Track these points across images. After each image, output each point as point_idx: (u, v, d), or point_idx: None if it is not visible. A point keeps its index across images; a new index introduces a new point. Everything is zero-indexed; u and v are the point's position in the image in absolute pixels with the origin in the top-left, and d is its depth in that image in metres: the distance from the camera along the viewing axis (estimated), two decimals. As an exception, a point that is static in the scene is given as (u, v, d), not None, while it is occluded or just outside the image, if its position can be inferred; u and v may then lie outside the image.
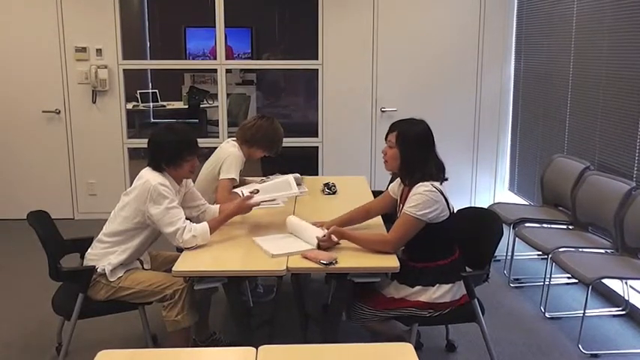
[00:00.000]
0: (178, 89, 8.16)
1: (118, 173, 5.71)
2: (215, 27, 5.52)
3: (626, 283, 3.69)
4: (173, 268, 2.54)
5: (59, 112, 5.58)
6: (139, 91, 7.77)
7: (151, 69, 7.97)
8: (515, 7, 5.51)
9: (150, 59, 8.45)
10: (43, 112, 5.57)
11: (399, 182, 2.92)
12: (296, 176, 3.76)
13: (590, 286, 3.24)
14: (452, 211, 2.72)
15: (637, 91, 3.70)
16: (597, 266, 3.34)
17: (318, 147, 5.78)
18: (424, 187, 2.64)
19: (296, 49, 8.03)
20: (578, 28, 4.41)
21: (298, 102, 8.13)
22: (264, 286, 3.95)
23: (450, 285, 2.71)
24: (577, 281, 3.97)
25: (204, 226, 2.79)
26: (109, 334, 3.39)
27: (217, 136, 5.79)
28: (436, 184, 2.67)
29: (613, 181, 3.77)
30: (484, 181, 5.87)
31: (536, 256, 4.65)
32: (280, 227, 2.98)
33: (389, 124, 2.86)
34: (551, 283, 3.85)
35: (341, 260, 2.55)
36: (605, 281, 3.81)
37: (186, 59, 7.97)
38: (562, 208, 4.33)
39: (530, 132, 5.28)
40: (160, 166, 2.84)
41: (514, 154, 5.66)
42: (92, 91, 5.54)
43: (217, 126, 5.87)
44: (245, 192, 2.98)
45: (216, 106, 5.95)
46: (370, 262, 2.59)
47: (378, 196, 3.18)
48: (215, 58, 5.65)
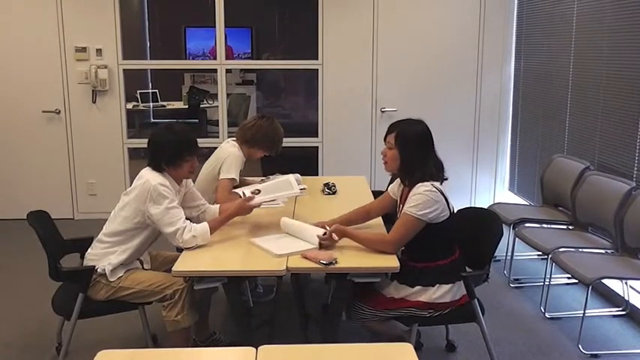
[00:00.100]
0: (178, 89, 8.17)
1: (118, 173, 5.71)
2: (215, 27, 5.52)
3: (626, 283, 3.69)
4: (173, 268, 2.55)
5: (59, 112, 5.58)
6: (139, 91, 7.77)
7: (150, 69, 7.97)
8: (515, 7, 5.51)
9: (150, 59, 8.45)
10: (43, 112, 5.57)
11: (398, 183, 2.92)
12: (296, 176, 3.76)
13: (590, 287, 3.24)
14: (452, 211, 2.72)
15: (637, 91, 3.70)
16: (597, 266, 3.34)
17: (318, 147, 5.78)
18: (424, 187, 2.64)
19: (296, 49, 8.03)
20: (578, 28, 4.41)
21: (298, 102, 8.13)
22: (264, 286, 3.95)
23: (450, 285, 2.71)
24: (577, 281, 3.97)
25: (204, 226, 2.79)
26: (109, 334, 3.39)
27: (217, 136, 5.79)
28: (436, 184, 2.67)
29: (613, 181, 3.77)
30: (484, 181, 5.87)
31: (536, 256, 4.65)
32: (280, 227, 2.98)
33: (389, 124, 2.86)
34: (551, 283, 3.85)
35: (341, 260, 2.55)
36: (605, 281, 3.81)
37: (186, 59, 7.98)
38: (562, 208, 4.33)
39: (530, 132, 5.28)
40: (160, 166, 2.84)
41: (514, 154, 5.66)
42: (92, 91, 5.54)
43: (217, 126, 5.87)
44: (246, 192, 2.98)
45: (216, 106, 5.95)
46: (370, 262, 2.59)
47: (378, 196, 3.19)
48: (215, 58, 5.65)
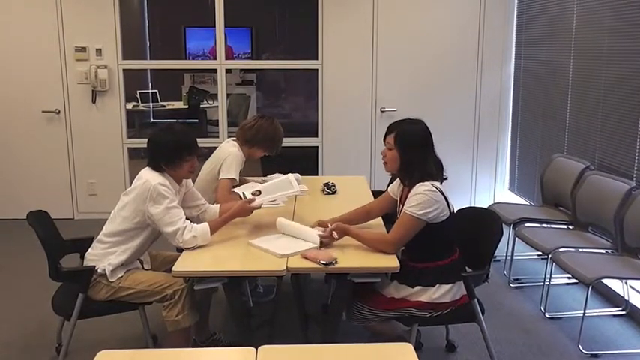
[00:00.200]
0: (178, 89, 8.17)
1: (118, 173, 5.71)
2: (215, 27, 5.52)
3: (626, 283, 3.69)
4: (173, 268, 2.54)
5: (59, 112, 5.58)
6: (138, 91, 7.77)
7: (150, 69, 7.97)
8: (515, 7, 5.50)
9: (150, 59, 8.45)
10: (43, 112, 5.56)
11: (398, 183, 2.92)
12: (296, 176, 3.76)
13: (590, 286, 3.24)
14: (452, 211, 2.72)
15: (637, 91, 3.70)
16: (597, 266, 3.34)
17: (318, 147, 5.78)
18: (424, 187, 2.64)
19: (296, 49, 8.03)
20: (578, 28, 4.41)
21: (298, 102, 8.13)
22: (264, 286, 3.95)
23: (450, 285, 2.71)
24: (577, 281, 3.97)
25: (204, 226, 2.79)
26: (109, 334, 3.39)
27: (217, 136, 5.79)
28: (436, 183, 2.67)
29: (613, 181, 3.77)
30: (484, 181, 5.87)
31: (536, 256, 4.65)
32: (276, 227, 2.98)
33: (388, 124, 2.86)
34: (551, 283, 3.85)
35: (341, 260, 2.55)
36: (605, 281, 3.81)
37: (186, 59, 7.98)
38: (562, 208, 4.33)
39: (530, 132, 5.28)
40: (160, 167, 2.84)
41: (514, 153, 5.66)
42: (92, 91, 5.54)
43: (217, 126, 5.87)
44: (247, 194, 2.97)
45: (216, 106, 5.95)
46: (370, 262, 2.59)
47: (378, 196, 3.18)
48: (215, 58, 5.65)
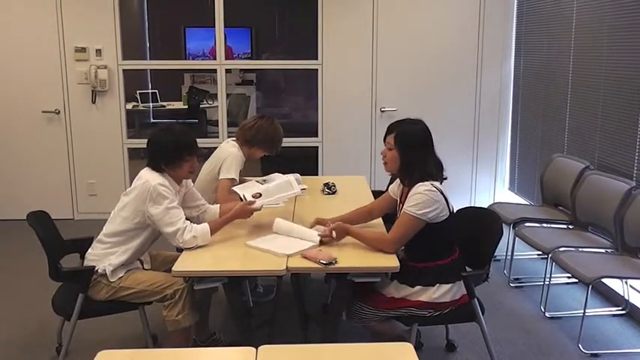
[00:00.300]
0: (178, 89, 8.16)
1: (117, 173, 5.71)
2: (215, 27, 5.52)
3: (626, 282, 3.69)
4: (173, 268, 2.54)
5: (59, 112, 5.58)
6: (138, 92, 7.77)
7: (150, 69, 7.96)
8: (515, 7, 5.50)
9: (150, 59, 8.44)
10: (43, 112, 5.56)
11: (398, 183, 2.92)
12: (296, 176, 3.76)
13: (590, 286, 3.24)
14: (452, 211, 2.72)
15: (637, 91, 3.70)
16: (597, 266, 3.34)
17: (318, 147, 5.78)
18: (424, 187, 2.64)
19: (296, 49, 8.03)
20: (577, 27, 4.41)
21: (298, 102, 8.12)
22: (264, 286, 3.95)
23: (450, 285, 2.71)
24: (577, 281, 3.97)
25: (204, 227, 2.79)
26: (109, 334, 3.39)
27: (217, 136, 5.79)
28: (436, 183, 2.67)
29: (613, 180, 3.77)
30: (484, 181, 5.87)
31: (536, 256, 4.65)
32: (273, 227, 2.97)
33: (388, 124, 2.86)
34: (551, 282, 3.85)
35: (341, 260, 2.55)
36: (605, 281, 3.81)
37: (186, 59, 7.98)
38: (562, 208, 4.33)
39: (530, 131, 5.28)
40: (160, 167, 2.84)
41: (514, 153, 5.66)
42: (92, 91, 5.54)
43: (217, 126, 5.87)
44: (247, 196, 2.97)
45: (216, 106, 5.95)
46: (370, 262, 2.59)
47: (378, 195, 3.19)
48: (215, 58, 5.65)
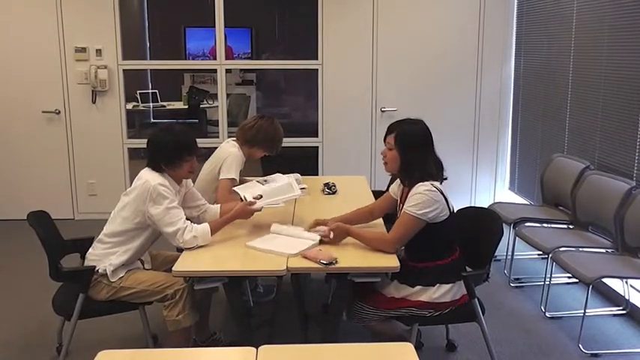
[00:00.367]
0: (178, 89, 8.16)
1: (118, 173, 5.71)
2: (215, 27, 5.52)
3: (626, 282, 3.69)
4: (173, 268, 2.54)
5: (59, 112, 5.58)
6: (138, 92, 7.77)
7: (150, 69, 7.96)
8: (515, 7, 5.50)
9: (150, 59, 8.44)
10: (43, 112, 5.56)
11: (399, 183, 2.91)
12: (296, 176, 3.76)
13: (590, 286, 3.24)
14: (452, 211, 2.72)
15: (637, 91, 3.70)
16: (597, 266, 3.34)
17: (318, 147, 5.78)
18: (424, 187, 2.64)
19: (296, 49, 8.03)
20: (578, 28, 4.41)
21: (298, 102, 8.13)
22: (264, 286, 3.95)
23: (451, 285, 2.71)
24: (577, 281, 3.97)
25: (205, 227, 2.79)
26: (109, 334, 3.39)
27: (217, 136, 5.79)
28: (436, 183, 2.67)
29: (613, 180, 3.77)
30: (484, 181, 5.87)
31: (537, 256, 4.65)
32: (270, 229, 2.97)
33: (388, 124, 2.86)
34: (552, 282, 3.84)
35: (341, 260, 2.55)
36: (605, 281, 3.81)
37: (186, 59, 7.98)
38: (562, 208, 4.33)
39: (531, 131, 5.28)
40: (159, 167, 2.84)
41: (514, 153, 5.66)
42: (92, 91, 5.54)
43: (217, 126, 5.87)
44: (248, 197, 2.97)
45: (216, 106, 5.95)
46: (370, 262, 2.59)
47: (378, 195, 3.19)
48: (215, 58, 5.65)
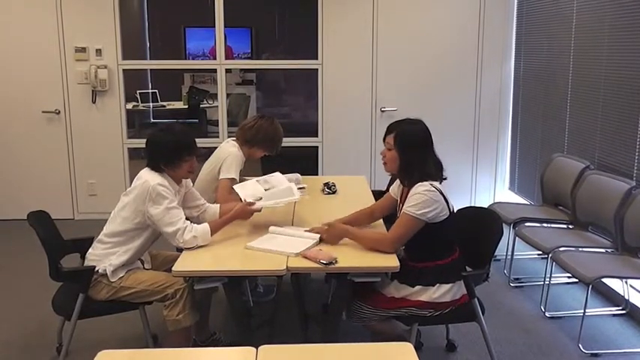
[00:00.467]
0: (178, 89, 8.17)
1: (118, 173, 5.71)
2: (215, 27, 5.52)
3: (626, 282, 3.69)
4: (173, 268, 2.54)
5: (59, 112, 5.58)
6: (138, 91, 7.77)
7: (150, 69, 7.97)
8: (515, 7, 5.50)
9: (150, 59, 8.45)
10: (43, 112, 5.56)
11: (399, 183, 2.91)
12: (296, 176, 3.76)
13: (590, 286, 3.24)
14: (452, 211, 2.72)
15: (637, 91, 3.70)
16: (597, 265, 3.34)
17: (318, 147, 5.78)
18: (423, 187, 2.64)
19: (296, 49, 8.03)
20: (578, 28, 4.41)
21: (298, 102, 8.13)
22: (264, 286, 3.95)
23: (451, 284, 2.71)
24: (577, 281, 3.97)
25: (205, 227, 2.79)
26: (109, 334, 3.39)
27: (217, 136, 5.79)
28: (435, 183, 2.67)
29: (613, 180, 3.77)
30: (484, 181, 5.87)
31: (537, 256, 4.65)
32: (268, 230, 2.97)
33: (388, 124, 2.86)
34: (552, 282, 3.84)
35: (341, 260, 2.55)
36: (605, 280, 3.81)
37: (186, 59, 7.98)
38: (562, 208, 4.33)
39: (531, 131, 5.28)
40: (159, 167, 2.84)
41: (514, 153, 5.66)
42: (92, 91, 5.54)
43: (217, 126, 5.87)
44: (248, 199, 2.97)
45: (216, 106, 5.95)
46: (370, 261, 2.59)
47: (378, 195, 3.19)
48: (215, 58, 5.65)
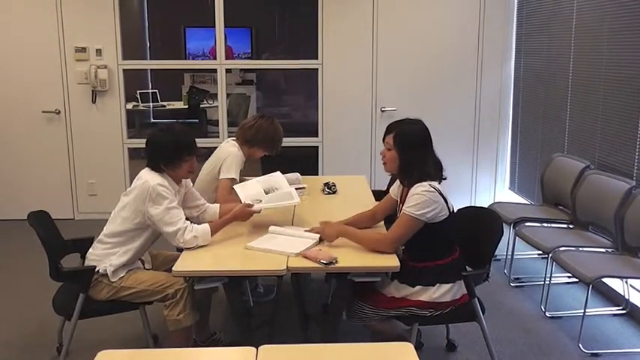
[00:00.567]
0: (178, 89, 8.16)
1: (118, 173, 5.71)
2: (215, 27, 5.52)
3: (626, 282, 3.69)
4: (173, 268, 2.55)
5: (59, 112, 5.58)
6: (138, 91, 7.77)
7: (150, 69, 7.97)
8: (515, 7, 5.50)
9: (150, 59, 8.44)
10: (43, 112, 5.56)
11: (399, 183, 2.91)
12: (296, 176, 3.76)
13: (590, 286, 3.24)
14: (451, 211, 2.72)
15: (637, 91, 3.69)
16: (597, 265, 3.34)
17: (318, 147, 5.78)
18: (422, 187, 2.64)
19: (296, 48, 8.03)
20: (578, 28, 4.41)
21: (298, 102, 8.13)
22: (264, 286, 3.95)
23: (451, 284, 2.71)
24: (577, 280, 3.97)
25: (205, 227, 2.79)
26: (109, 334, 3.39)
27: (217, 136, 5.79)
28: (434, 183, 2.67)
29: (613, 180, 3.77)
30: (484, 181, 5.87)
31: (537, 256, 4.65)
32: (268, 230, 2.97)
33: (388, 124, 2.86)
34: (552, 282, 3.84)
35: (341, 260, 2.55)
36: (605, 280, 3.81)
37: (186, 59, 7.98)
38: (562, 207, 4.33)
39: (531, 131, 5.28)
40: (159, 167, 2.84)
41: (514, 153, 5.66)
42: (92, 91, 5.54)
43: (217, 126, 5.87)
44: (248, 201, 2.97)
45: (216, 106, 5.95)
46: (370, 261, 2.59)
47: (378, 195, 3.19)
48: (215, 58, 5.65)
